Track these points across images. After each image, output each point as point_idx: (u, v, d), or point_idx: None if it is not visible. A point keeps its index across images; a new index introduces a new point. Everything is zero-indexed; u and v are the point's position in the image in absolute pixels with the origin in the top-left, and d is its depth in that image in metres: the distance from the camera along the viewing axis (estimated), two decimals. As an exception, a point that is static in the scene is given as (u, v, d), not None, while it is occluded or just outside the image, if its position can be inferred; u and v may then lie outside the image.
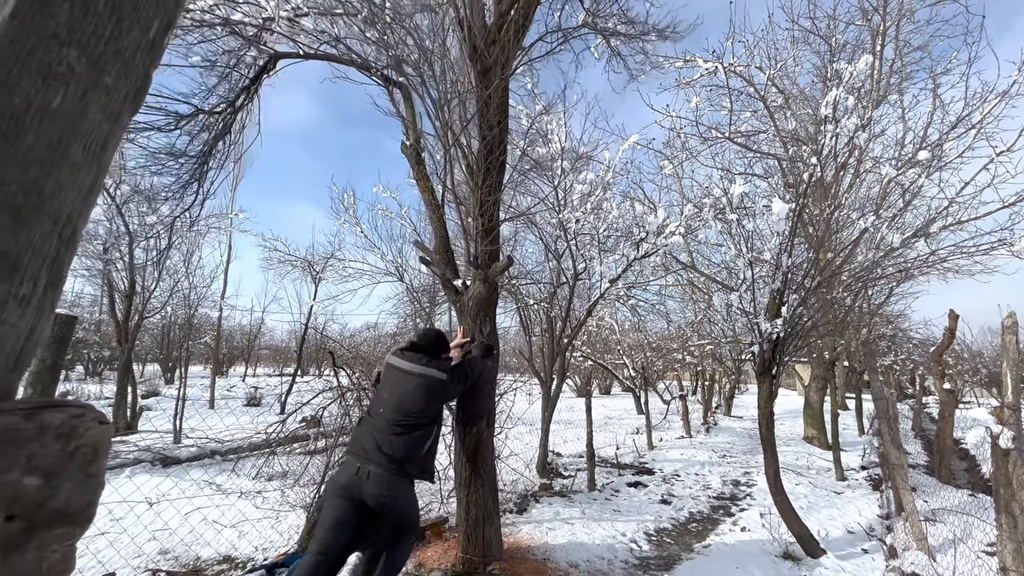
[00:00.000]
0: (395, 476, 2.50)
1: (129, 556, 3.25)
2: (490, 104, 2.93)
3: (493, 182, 3.01)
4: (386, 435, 2.54)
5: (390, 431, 2.55)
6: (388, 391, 2.71)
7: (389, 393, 2.69)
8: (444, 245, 3.20)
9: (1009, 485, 1.77)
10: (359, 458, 2.52)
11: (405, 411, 2.61)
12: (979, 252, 5.36)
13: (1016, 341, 1.89)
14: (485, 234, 3.05)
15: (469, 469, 3.38)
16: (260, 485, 5.03)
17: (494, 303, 3.21)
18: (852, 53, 6.77)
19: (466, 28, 2.71)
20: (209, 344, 21.06)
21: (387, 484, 2.47)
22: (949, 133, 5.69)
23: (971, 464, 7.91)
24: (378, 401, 2.71)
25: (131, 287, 8.66)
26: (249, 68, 3.09)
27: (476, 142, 3.15)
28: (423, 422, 2.65)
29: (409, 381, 2.69)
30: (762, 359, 4.00)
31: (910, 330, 15.29)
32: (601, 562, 3.62)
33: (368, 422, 2.67)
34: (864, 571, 3.58)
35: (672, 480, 6.40)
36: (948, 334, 7.30)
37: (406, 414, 2.60)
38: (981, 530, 3.78)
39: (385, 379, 2.80)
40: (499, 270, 3.10)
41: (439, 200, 3.12)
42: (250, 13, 2.89)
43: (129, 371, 8.63)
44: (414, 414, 2.62)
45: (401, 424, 2.58)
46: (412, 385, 2.68)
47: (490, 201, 3.02)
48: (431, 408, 2.70)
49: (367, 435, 2.59)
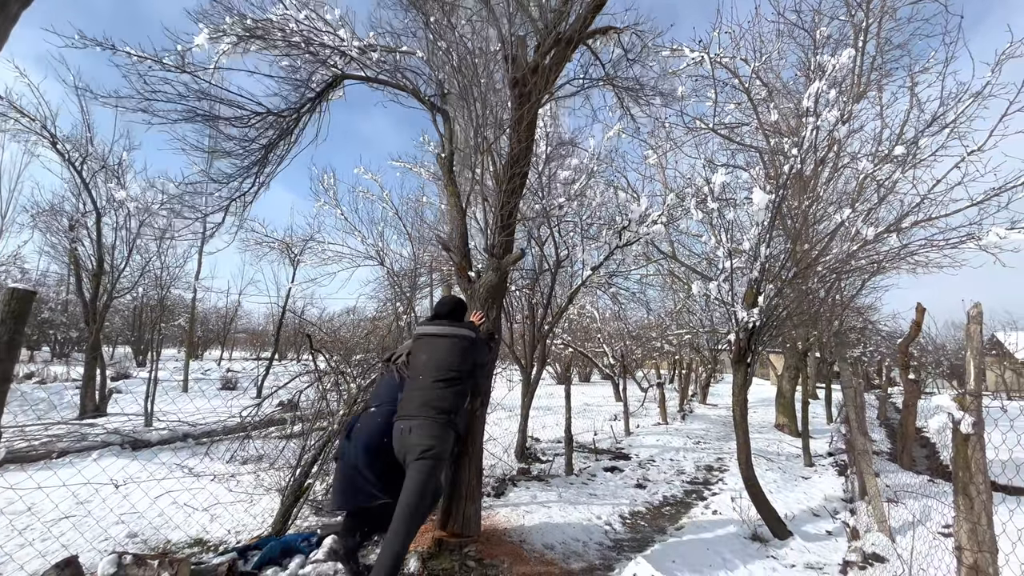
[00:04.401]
0: (442, 425, 2.75)
1: (95, 539, 3.17)
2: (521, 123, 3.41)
3: (516, 186, 3.44)
4: (431, 392, 2.81)
5: (433, 388, 2.82)
6: (425, 355, 2.96)
7: (428, 356, 2.95)
8: (463, 240, 3.57)
9: (967, 468, 1.83)
10: (404, 420, 2.77)
11: (444, 368, 2.88)
12: (948, 245, 5.53)
13: (980, 331, 1.95)
14: (503, 229, 3.44)
15: (459, 446, 3.39)
16: (234, 468, 4.95)
17: (503, 291, 3.57)
18: (835, 48, 6.85)
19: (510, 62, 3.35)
20: (183, 326, 20.55)
21: (430, 431, 2.70)
22: (924, 131, 5.81)
23: (931, 451, 8.26)
24: (416, 368, 2.96)
25: (99, 266, 8.35)
26: (318, 83, 3.56)
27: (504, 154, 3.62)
28: (463, 375, 2.93)
29: (441, 343, 2.98)
30: (738, 347, 4.07)
31: (879, 323, 15.80)
32: (576, 544, 3.68)
33: (410, 387, 2.91)
34: (828, 552, 3.71)
35: (647, 465, 6.52)
36: (915, 327, 7.57)
37: (446, 370, 2.88)
38: (939, 512, 3.95)
39: (417, 349, 3.04)
40: (512, 260, 3.45)
41: (463, 203, 3.56)
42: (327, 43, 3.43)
43: (97, 352, 8.36)
44: (453, 370, 2.90)
45: (443, 380, 2.85)
46: (445, 345, 2.97)
47: (511, 203, 3.44)
48: (466, 363, 2.97)
49: (411, 399, 2.83)
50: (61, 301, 20.14)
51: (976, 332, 1.93)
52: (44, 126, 7.65)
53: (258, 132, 3.44)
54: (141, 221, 9.01)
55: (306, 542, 3.10)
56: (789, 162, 3.94)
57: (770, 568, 3.41)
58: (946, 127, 5.82)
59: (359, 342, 7.82)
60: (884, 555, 3.40)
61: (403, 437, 2.73)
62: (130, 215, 8.80)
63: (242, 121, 3.44)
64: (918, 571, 2.84)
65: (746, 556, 3.59)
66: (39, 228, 10.78)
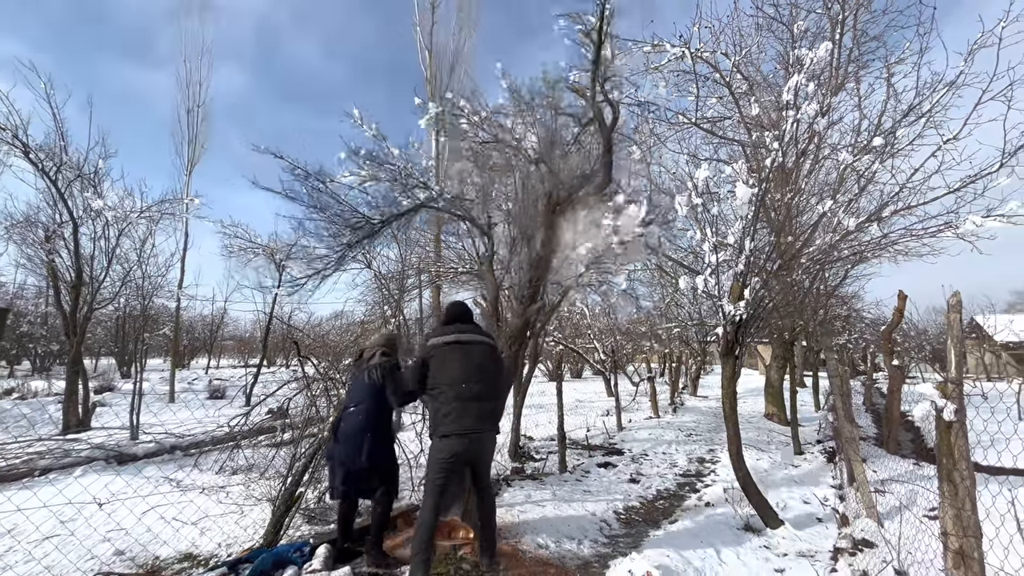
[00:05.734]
0: (495, 434, 3.00)
1: (80, 559, 3.10)
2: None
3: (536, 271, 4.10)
4: (486, 404, 2.91)
5: (484, 399, 2.91)
6: (460, 366, 2.93)
7: (463, 367, 2.92)
8: (495, 300, 4.37)
9: (951, 455, 1.86)
10: (470, 432, 2.82)
11: (484, 375, 2.95)
12: (927, 235, 5.63)
13: (960, 319, 1.98)
14: (529, 293, 4.06)
15: None
16: (223, 480, 4.87)
17: (526, 332, 4.20)
18: (813, 41, 6.92)
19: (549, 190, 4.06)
20: (168, 335, 20.19)
21: (492, 441, 2.99)
22: (901, 121, 5.91)
23: (916, 435, 8.43)
24: (453, 380, 2.90)
25: (78, 277, 8.16)
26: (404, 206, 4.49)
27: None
28: (499, 382, 3.14)
29: (475, 349, 3.02)
30: (726, 340, 4.11)
31: (863, 310, 16.08)
32: (571, 542, 3.69)
33: (457, 401, 2.85)
34: (819, 539, 3.76)
35: (640, 459, 6.56)
36: (897, 314, 7.70)
37: (486, 377, 2.96)
38: (924, 497, 4.03)
39: (445, 360, 2.97)
40: (535, 310, 4.05)
41: (497, 281, 4.44)
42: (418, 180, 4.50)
43: (79, 365, 8.17)
44: (491, 376, 3.01)
45: (487, 388, 2.95)
46: (478, 352, 3.02)
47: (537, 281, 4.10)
48: (500, 370, 3.17)
49: (468, 413, 2.83)
50: (40, 314, 19.66)
51: (956, 321, 1.97)
52: (16, 135, 7.44)
53: (351, 231, 4.40)
54: (120, 230, 8.83)
55: (299, 552, 3.06)
56: (771, 155, 3.97)
57: (763, 558, 3.45)
58: (922, 116, 5.92)
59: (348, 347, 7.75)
60: (873, 540, 3.45)
61: (472, 446, 2.83)
62: (108, 224, 8.61)
63: (344, 220, 4.38)
64: (906, 555, 2.89)
65: (739, 546, 3.63)
66: (14, 240, 10.49)
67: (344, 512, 3.27)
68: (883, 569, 2.88)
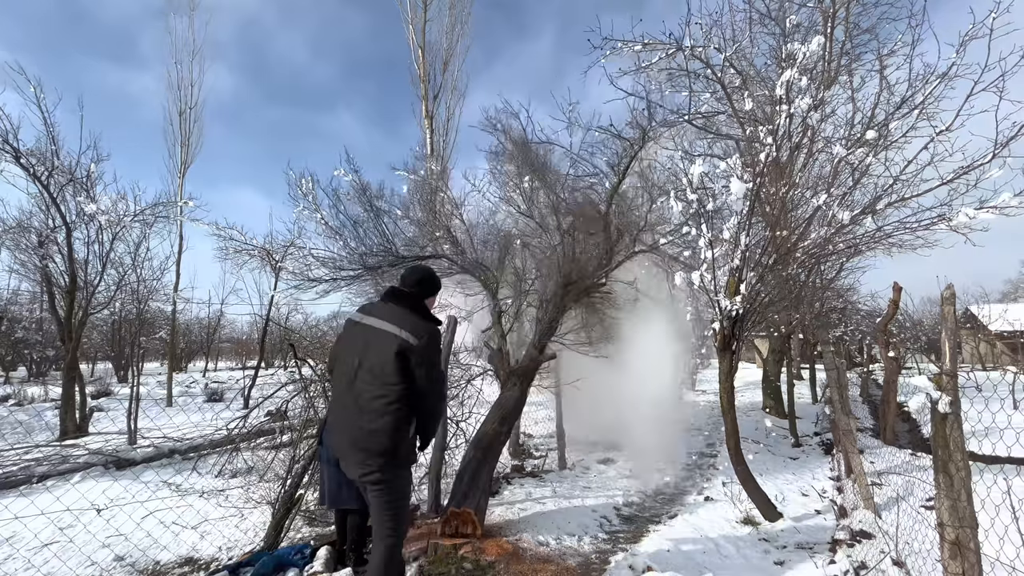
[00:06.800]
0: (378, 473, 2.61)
1: (79, 566, 3.09)
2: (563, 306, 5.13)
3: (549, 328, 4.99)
4: (365, 422, 2.70)
5: (364, 412, 2.70)
6: (352, 358, 2.51)
7: (352, 360, 2.58)
8: (502, 347, 5.08)
9: (946, 447, 1.88)
10: (341, 454, 2.56)
11: (374, 379, 2.47)
12: (921, 227, 5.64)
13: (954, 311, 1.99)
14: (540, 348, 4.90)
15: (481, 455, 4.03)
16: (223, 483, 4.86)
17: (535, 371, 4.92)
18: (805, 35, 6.92)
19: (563, 265, 5.13)
20: (165, 339, 20.09)
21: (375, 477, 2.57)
22: (894, 113, 5.91)
23: (912, 425, 8.49)
24: (341, 373, 2.45)
25: (72, 282, 8.10)
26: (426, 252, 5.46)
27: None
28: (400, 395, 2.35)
29: (379, 339, 2.52)
30: (722, 335, 4.12)
31: (858, 303, 16.12)
32: (572, 539, 3.70)
33: (336, 403, 2.47)
34: (817, 531, 3.79)
35: (640, 455, 6.58)
36: (892, 305, 7.74)
37: (375, 383, 2.50)
38: (921, 488, 4.06)
39: (345, 345, 2.51)
40: (545, 359, 4.86)
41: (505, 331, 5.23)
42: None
43: (75, 371, 8.12)
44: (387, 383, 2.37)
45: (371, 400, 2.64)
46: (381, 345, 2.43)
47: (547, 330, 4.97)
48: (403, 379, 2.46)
49: (341, 427, 2.52)
50: (35, 320, 19.54)
51: (950, 313, 1.97)
52: (6, 140, 7.37)
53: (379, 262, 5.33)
54: (114, 234, 8.76)
55: (299, 554, 3.06)
56: (765, 150, 3.98)
57: (763, 551, 3.47)
58: (915, 108, 5.92)
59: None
60: (871, 532, 3.48)
61: (348, 470, 2.29)
62: (102, 228, 8.55)
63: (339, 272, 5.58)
64: (904, 546, 2.91)
65: (739, 540, 3.65)
66: (7, 246, 10.41)
67: (340, 516, 3.22)
68: (881, 560, 2.90)
